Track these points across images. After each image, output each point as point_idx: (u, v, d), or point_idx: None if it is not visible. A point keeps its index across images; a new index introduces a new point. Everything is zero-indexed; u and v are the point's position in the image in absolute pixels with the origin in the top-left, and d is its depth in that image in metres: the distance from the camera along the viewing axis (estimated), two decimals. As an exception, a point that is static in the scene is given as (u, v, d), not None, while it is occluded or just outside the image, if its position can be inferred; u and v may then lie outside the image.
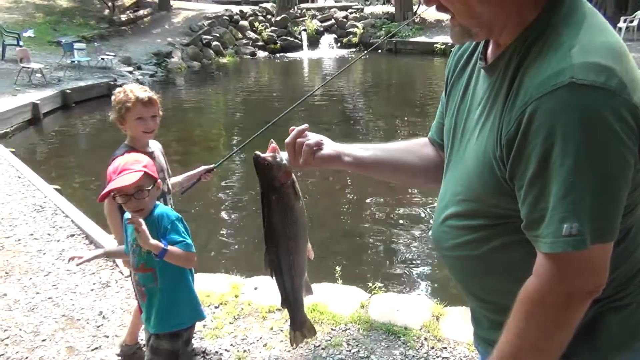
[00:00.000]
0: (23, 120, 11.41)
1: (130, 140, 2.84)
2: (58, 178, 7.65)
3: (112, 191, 2.23)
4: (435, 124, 1.46)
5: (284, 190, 1.32)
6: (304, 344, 3.28)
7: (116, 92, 2.82)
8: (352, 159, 1.37)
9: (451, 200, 1.22)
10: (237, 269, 4.42)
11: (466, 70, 1.28)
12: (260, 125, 3.09)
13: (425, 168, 1.44)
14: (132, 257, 2.37)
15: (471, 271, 1.22)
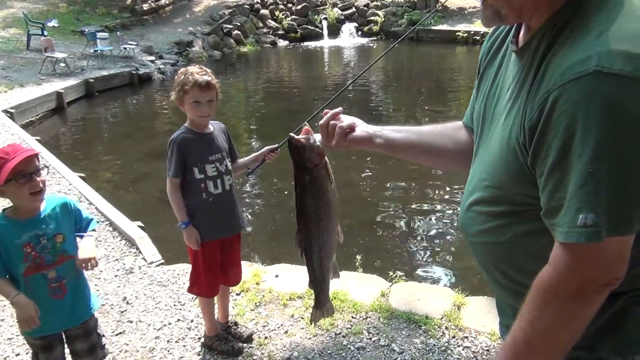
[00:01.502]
0: (48, 109, 11.59)
1: (189, 121, 2.86)
2: (82, 166, 7.76)
3: (14, 171, 2.04)
4: (469, 109, 1.46)
5: (317, 172, 1.33)
6: (325, 331, 3.30)
7: (178, 73, 2.82)
8: (383, 140, 1.39)
9: (477, 185, 1.21)
10: (259, 256, 4.45)
11: (498, 54, 1.27)
12: (281, 113, 3.08)
13: (457, 152, 1.45)
14: (43, 256, 2.20)
15: (495, 258, 1.21)
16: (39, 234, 2.19)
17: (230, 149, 3.00)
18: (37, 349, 2.32)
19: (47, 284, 2.21)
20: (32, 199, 2.15)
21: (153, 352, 3.17)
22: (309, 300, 3.63)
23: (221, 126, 3.03)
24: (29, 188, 2.10)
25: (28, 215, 2.20)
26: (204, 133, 2.87)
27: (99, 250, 4.50)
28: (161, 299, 3.74)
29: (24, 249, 2.15)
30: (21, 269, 2.16)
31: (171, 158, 2.79)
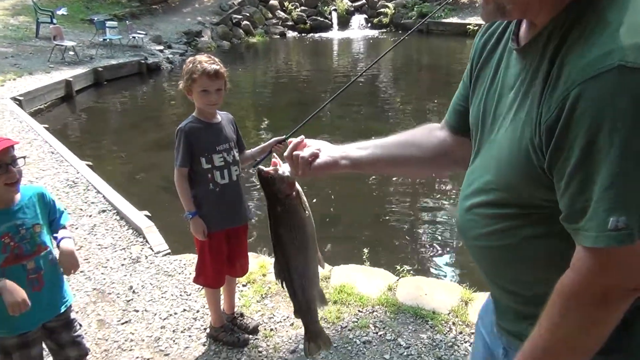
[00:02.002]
0: (56, 97, 11.60)
1: (197, 111, 2.85)
2: (90, 154, 7.77)
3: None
4: (452, 108, 1.42)
5: (290, 202, 1.34)
6: (331, 324, 3.28)
7: (187, 62, 2.81)
8: (349, 161, 1.38)
9: (480, 188, 1.17)
10: (265, 248, 4.43)
11: (495, 53, 1.22)
12: (290, 105, 3.06)
13: (425, 158, 1.42)
14: (22, 247, 2.17)
15: (498, 261, 1.18)
16: (17, 224, 2.16)
17: (237, 140, 2.98)
18: (11, 348, 2.21)
19: (26, 275, 2.16)
20: (7, 189, 2.12)
21: (159, 341, 3.17)
22: (316, 292, 3.61)
23: (229, 117, 3.01)
24: (5, 179, 2.08)
25: (4, 206, 2.16)
26: (212, 123, 2.85)
27: (106, 239, 4.50)
28: (167, 289, 3.74)
29: (3, 240, 2.12)
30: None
31: (179, 147, 2.77)
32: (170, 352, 3.08)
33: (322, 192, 6.84)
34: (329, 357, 3.01)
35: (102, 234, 4.60)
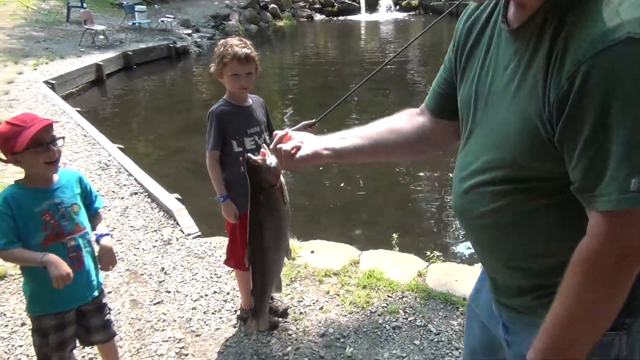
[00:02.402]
0: (87, 80, 11.78)
1: (228, 94, 2.85)
2: (120, 137, 7.87)
3: (32, 139, 2.03)
4: (433, 92, 1.45)
5: (273, 192, 1.40)
6: (360, 309, 3.29)
7: (218, 44, 2.81)
8: (331, 152, 1.41)
9: (479, 167, 1.19)
10: (294, 232, 4.44)
11: (483, 36, 1.24)
12: (317, 89, 3.04)
13: (407, 143, 1.47)
14: (62, 225, 2.19)
15: (502, 237, 1.19)
16: (56, 202, 2.19)
17: (268, 123, 2.98)
18: (48, 329, 2.25)
19: (66, 253, 2.18)
20: (47, 168, 2.15)
21: (190, 322, 3.21)
22: (345, 277, 3.62)
23: (260, 100, 3.01)
24: (46, 157, 2.11)
25: (44, 184, 2.20)
26: (243, 106, 2.86)
27: (137, 221, 4.57)
28: (198, 271, 3.78)
29: (43, 217, 2.14)
30: (39, 238, 2.13)
31: (210, 131, 2.77)
32: (202, 333, 3.12)
33: (351, 176, 6.83)
34: (358, 341, 3.02)
35: (134, 216, 4.67)
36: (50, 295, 2.17)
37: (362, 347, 2.98)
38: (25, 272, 2.26)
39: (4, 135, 2.07)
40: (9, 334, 3.09)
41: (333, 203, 6.22)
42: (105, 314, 2.45)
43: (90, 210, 2.38)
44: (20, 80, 10.11)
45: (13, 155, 2.08)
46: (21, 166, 2.15)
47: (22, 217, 2.11)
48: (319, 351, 2.95)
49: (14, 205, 2.10)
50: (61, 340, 2.30)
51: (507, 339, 1.30)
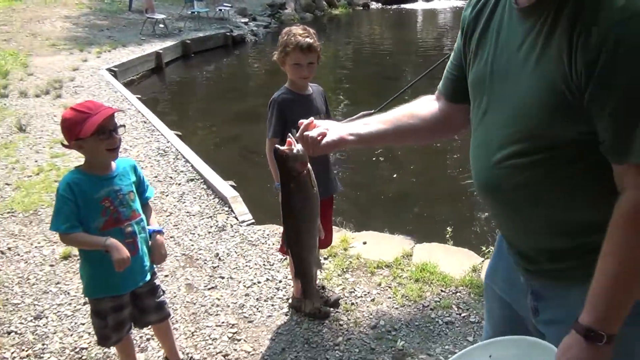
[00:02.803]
0: (147, 68, 12.09)
1: (289, 82, 2.87)
2: (178, 124, 8.05)
3: (98, 127, 2.09)
4: (446, 79, 1.53)
5: (301, 179, 1.45)
6: (412, 302, 3.25)
7: (282, 33, 2.82)
8: (355, 137, 1.48)
9: (505, 141, 1.22)
10: (347, 222, 4.44)
11: (493, 17, 1.29)
12: (371, 79, 3.01)
13: (426, 127, 1.55)
14: (121, 211, 2.26)
15: (536, 206, 1.22)
16: (115, 189, 2.25)
17: (326, 112, 2.97)
18: (105, 311, 2.34)
19: (123, 239, 2.23)
20: (108, 154, 2.21)
21: (243, 308, 3.27)
22: (397, 269, 3.59)
23: (319, 89, 3.00)
24: (107, 144, 2.16)
25: (104, 172, 2.26)
26: (303, 94, 2.86)
27: (193, 207, 4.67)
28: (251, 258, 3.83)
29: (103, 203, 2.21)
30: (99, 223, 2.20)
31: (271, 118, 2.79)
32: (254, 319, 3.17)
33: (404, 168, 6.75)
34: (410, 335, 2.99)
35: (190, 202, 4.78)
36: (107, 279, 2.26)
37: (414, 341, 2.95)
38: (84, 256, 2.35)
39: (69, 121, 2.14)
40: (72, 311, 3.23)
41: (385, 194, 6.17)
42: (159, 295, 2.53)
43: (142, 199, 2.44)
44: (85, 67, 10.50)
45: (77, 141, 2.15)
46: (83, 152, 2.23)
47: (83, 202, 2.18)
48: (370, 343, 2.94)
49: (77, 190, 2.17)
50: (119, 321, 2.39)
51: (536, 305, 1.33)
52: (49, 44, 12.58)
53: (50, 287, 3.47)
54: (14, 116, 7.21)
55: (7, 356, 2.85)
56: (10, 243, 4.04)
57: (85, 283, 2.36)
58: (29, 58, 11.10)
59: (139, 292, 2.43)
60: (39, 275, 3.62)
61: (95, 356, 2.85)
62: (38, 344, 2.95)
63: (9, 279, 3.58)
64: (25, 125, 6.81)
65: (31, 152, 5.98)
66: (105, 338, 2.41)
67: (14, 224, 4.34)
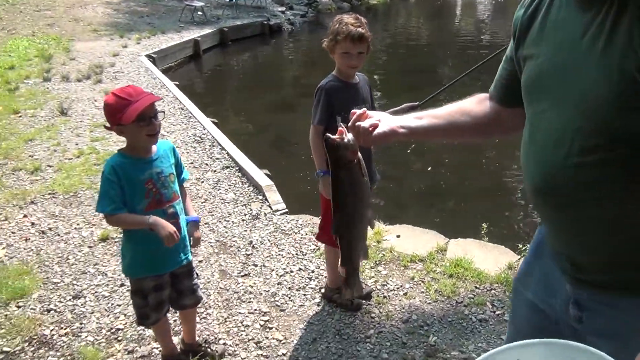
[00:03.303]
0: (185, 55, 12.22)
1: (337, 70, 2.86)
2: (214, 111, 8.13)
3: (139, 114, 2.14)
4: (499, 83, 1.50)
5: (351, 167, 1.48)
6: (446, 298, 3.22)
7: (334, 20, 2.80)
8: (407, 130, 1.48)
9: (572, 138, 1.15)
10: (380, 215, 4.41)
11: (549, 14, 1.26)
12: (408, 71, 2.98)
13: (475, 125, 1.54)
14: (163, 193, 2.32)
15: (604, 207, 1.15)
16: (157, 171, 2.31)
17: (371, 102, 2.95)
18: (147, 290, 2.41)
19: (166, 220, 2.28)
20: (148, 139, 2.26)
21: (275, 296, 3.29)
22: (431, 264, 3.56)
23: (365, 78, 2.99)
24: (148, 130, 2.22)
25: (145, 155, 2.31)
26: (350, 82, 2.85)
27: (228, 194, 4.72)
28: (284, 247, 3.85)
29: (146, 185, 2.27)
30: (143, 205, 2.26)
31: (317, 105, 2.78)
32: (286, 308, 3.18)
33: (439, 162, 6.67)
34: (442, 330, 2.96)
35: (225, 189, 4.82)
36: (150, 258, 2.33)
37: (447, 337, 2.92)
38: (128, 236, 2.40)
39: (111, 107, 2.19)
40: (109, 292, 3.30)
41: (419, 188, 6.12)
42: (194, 278, 2.60)
43: (179, 180, 2.48)
44: (125, 53, 10.66)
45: (118, 127, 2.20)
46: (124, 136, 2.28)
47: (128, 184, 2.24)
48: (402, 337, 2.92)
49: (121, 173, 2.22)
50: (159, 301, 2.45)
51: (580, 315, 1.29)
52: (90, 29, 12.83)
53: (89, 268, 3.56)
54: (56, 100, 7.38)
55: (47, 333, 2.94)
56: (51, 223, 4.15)
57: (128, 262, 2.41)
58: (71, 43, 11.35)
59: (179, 272, 2.50)
60: (77, 256, 3.71)
61: (130, 337, 2.91)
62: (76, 323, 3.03)
63: (50, 258, 3.68)
64: (66, 108, 6.97)
65: (72, 135, 6.12)
66: (145, 317, 2.47)
67: (55, 205, 4.46)
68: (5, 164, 5.26)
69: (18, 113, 6.84)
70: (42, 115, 6.83)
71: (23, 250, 3.78)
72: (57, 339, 2.90)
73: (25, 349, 2.82)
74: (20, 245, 3.83)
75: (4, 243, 3.86)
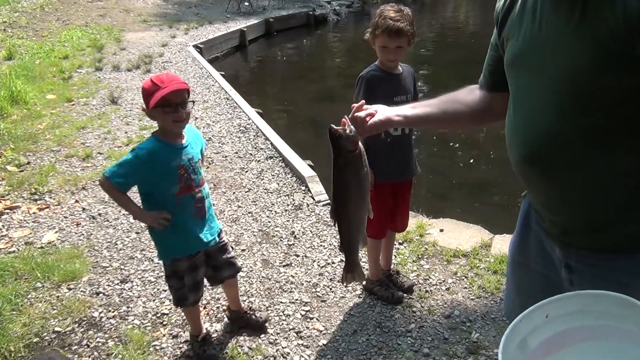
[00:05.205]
0: (231, 46, 12.38)
1: (379, 60, 2.83)
2: (258, 102, 8.20)
3: (161, 100, 2.22)
4: (487, 71, 1.59)
5: (352, 157, 1.53)
6: (489, 294, 3.16)
7: (377, 11, 2.78)
8: (402, 117, 1.59)
9: (556, 106, 1.22)
10: (423, 208, 4.36)
11: (526, 5, 1.32)
12: (455, 62, 2.94)
13: (469, 112, 1.62)
14: (194, 178, 2.41)
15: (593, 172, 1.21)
16: (189, 157, 2.40)
17: (414, 93, 2.91)
18: (183, 271, 2.51)
19: (194, 204, 2.42)
20: (175, 125, 2.34)
21: (316, 287, 3.30)
22: (475, 260, 3.50)
23: (410, 70, 2.95)
24: (173, 117, 2.30)
25: (177, 141, 2.40)
26: (393, 73, 2.82)
27: (271, 184, 4.75)
28: (326, 238, 3.86)
29: (179, 171, 2.36)
30: (175, 190, 2.36)
31: (358, 94, 2.77)
32: (327, 299, 3.19)
33: (484, 155, 6.54)
34: (485, 327, 2.91)
35: (269, 179, 4.86)
36: (178, 240, 2.45)
37: (489, 334, 2.87)
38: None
39: (144, 92, 2.31)
40: (155, 278, 3.39)
41: (464, 181, 6.02)
42: (229, 252, 2.71)
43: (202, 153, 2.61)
44: (173, 43, 10.87)
45: (149, 111, 2.31)
46: (155, 120, 2.40)
47: (161, 169, 2.34)
48: (443, 332, 2.89)
49: (157, 159, 2.32)
50: (195, 281, 2.56)
51: (571, 277, 1.36)
52: (140, 20, 13.13)
53: (136, 254, 3.66)
54: (107, 89, 7.60)
55: (95, 315, 3.04)
56: (101, 209, 4.28)
57: (161, 248, 2.54)
58: (122, 33, 11.64)
59: (211, 251, 2.59)
60: (125, 242, 3.82)
61: (175, 322, 2.98)
62: (123, 307, 3.12)
63: (99, 243, 3.80)
64: (117, 97, 7.16)
65: (122, 124, 6.29)
66: (183, 299, 2.57)
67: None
68: (59, 151, 5.45)
69: (71, 101, 7.07)
70: (93, 103, 7.04)
71: (74, 234, 3.91)
72: (106, 321, 3.00)
73: (75, 329, 2.92)
74: (72, 230, 3.97)
75: (56, 227, 4.01)
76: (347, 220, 1.64)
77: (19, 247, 3.72)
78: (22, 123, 6.14)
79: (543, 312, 1.11)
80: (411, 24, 2.70)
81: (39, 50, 9.72)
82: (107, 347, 2.79)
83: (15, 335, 2.82)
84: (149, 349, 2.78)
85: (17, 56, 9.19)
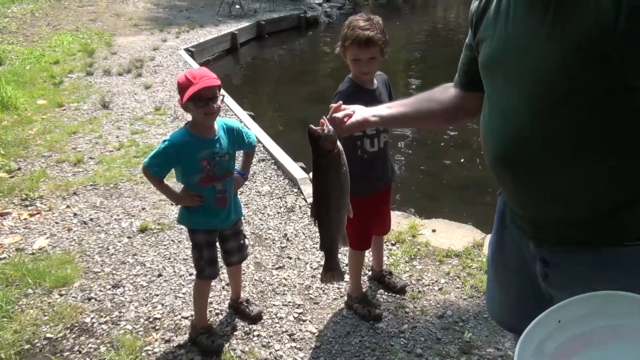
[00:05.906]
0: (223, 49, 12.36)
1: (353, 74, 2.70)
2: (250, 104, 8.18)
3: (194, 95, 2.36)
4: (462, 70, 1.63)
5: (331, 157, 1.55)
6: (482, 294, 3.17)
7: (345, 23, 2.67)
8: (378, 118, 1.61)
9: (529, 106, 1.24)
10: (416, 209, 4.37)
11: (500, 5, 1.34)
12: (447, 62, 2.91)
13: (443, 111, 1.66)
14: (217, 170, 2.57)
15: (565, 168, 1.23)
16: (214, 151, 2.56)
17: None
18: (202, 244, 2.70)
19: (214, 194, 2.62)
20: (206, 117, 2.50)
21: (309, 289, 3.30)
22: (467, 259, 3.51)
23: (384, 79, 2.85)
24: (205, 110, 2.46)
25: (206, 134, 2.56)
26: (367, 89, 2.70)
27: (264, 187, 4.75)
28: (318, 240, 3.84)
29: (202, 163, 2.54)
30: (196, 178, 2.56)
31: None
32: (320, 301, 3.19)
33: (475, 155, 6.55)
34: (478, 327, 2.93)
35: (261, 182, 4.86)
36: (201, 214, 2.65)
37: (482, 334, 2.88)
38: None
39: (180, 86, 2.46)
40: (147, 282, 3.38)
41: (455, 181, 6.03)
42: (241, 239, 2.90)
43: (245, 146, 2.80)
44: (164, 47, 10.84)
45: (183, 104, 2.47)
46: (188, 112, 2.55)
47: (186, 159, 2.54)
48: (436, 332, 2.89)
49: (182, 150, 2.52)
50: (212, 257, 2.74)
51: (546, 271, 1.39)
52: (131, 24, 13.09)
53: (128, 258, 3.64)
54: (98, 93, 7.57)
55: (87, 321, 3.02)
56: (92, 214, 4.26)
57: (183, 213, 2.72)
58: (112, 37, 11.60)
59: (226, 234, 2.80)
60: (117, 246, 3.80)
61: (167, 326, 2.97)
62: (115, 312, 3.10)
63: (91, 248, 3.78)
64: (108, 102, 7.13)
65: (113, 128, 6.27)
66: (201, 270, 2.75)
67: (96, 196, 4.58)
68: (50, 156, 5.43)
69: (62, 106, 7.04)
70: (84, 108, 7.01)
71: (66, 240, 3.89)
72: (97, 326, 2.98)
73: (67, 335, 2.91)
74: (63, 235, 3.95)
75: (48, 233, 3.99)
76: (328, 219, 1.66)
77: (9, 253, 3.70)
78: (12, 129, 6.10)
79: (555, 318, 1.12)
80: (382, 32, 2.58)
81: (30, 55, 9.67)
82: (99, 352, 2.78)
83: (6, 343, 2.80)
84: (142, 354, 2.77)
85: (7, 62, 9.14)
